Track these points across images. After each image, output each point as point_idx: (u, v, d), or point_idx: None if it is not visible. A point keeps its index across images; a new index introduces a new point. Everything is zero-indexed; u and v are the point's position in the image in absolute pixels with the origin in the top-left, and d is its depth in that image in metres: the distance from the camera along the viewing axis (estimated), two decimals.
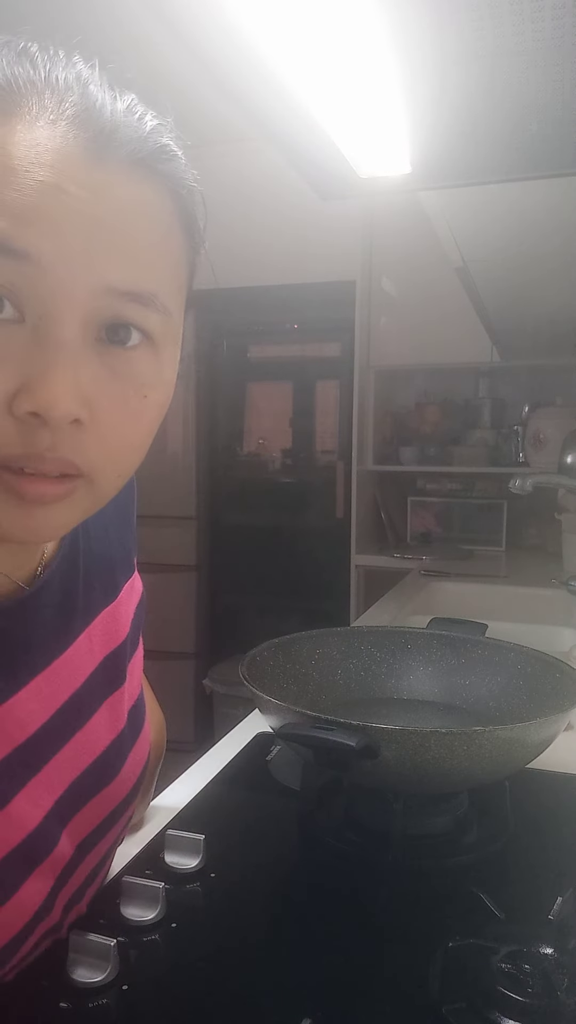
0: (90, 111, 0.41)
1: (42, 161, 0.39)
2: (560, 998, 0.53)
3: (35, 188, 0.38)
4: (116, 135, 0.41)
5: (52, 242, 0.39)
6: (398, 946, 0.63)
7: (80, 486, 0.44)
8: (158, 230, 0.44)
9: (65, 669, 0.55)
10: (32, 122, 0.40)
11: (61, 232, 0.39)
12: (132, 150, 0.42)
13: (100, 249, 0.40)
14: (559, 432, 2.54)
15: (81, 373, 0.41)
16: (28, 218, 0.38)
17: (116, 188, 0.41)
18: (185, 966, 0.60)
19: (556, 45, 0.62)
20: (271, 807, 0.86)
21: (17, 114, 0.40)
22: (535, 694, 0.89)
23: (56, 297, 0.40)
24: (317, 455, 3.35)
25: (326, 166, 0.91)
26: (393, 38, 0.61)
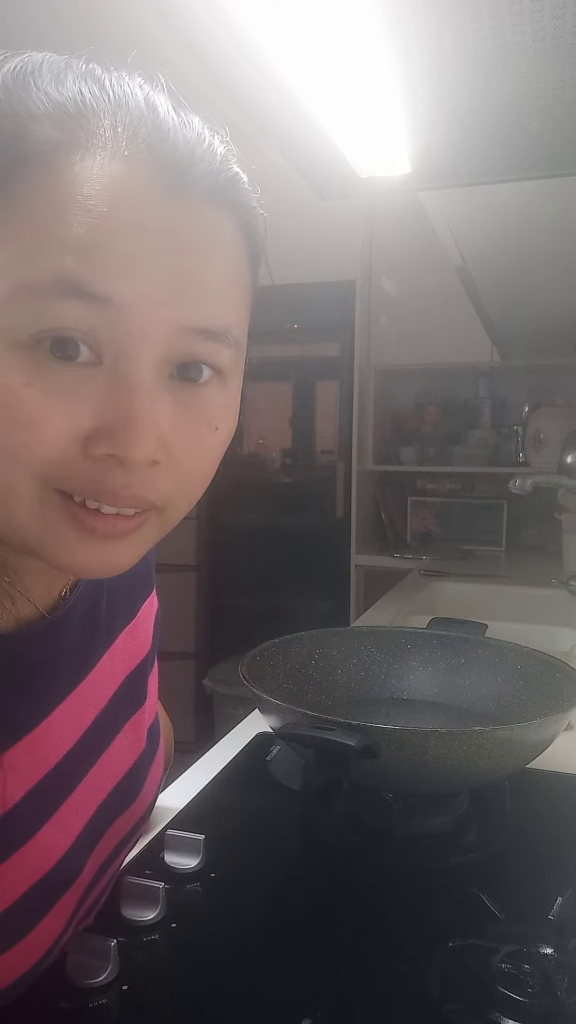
0: (164, 142, 0.40)
1: (119, 200, 0.38)
2: (560, 998, 0.53)
3: (113, 229, 0.37)
4: (192, 169, 0.40)
5: (131, 285, 0.38)
6: (398, 946, 0.63)
7: (151, 517, 0.44)
8: (233, 264, 0.43)
9: (90, 691, 0.54)
10: (105, 154, 0.38)
11: (140, 274, 0.38)
12: (208, 184, 0.41)
13: (178, 289, 0.39)
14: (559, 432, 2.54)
15: (159, 414, 0.40)
16: (106, 260, 0.37)
17: (193, 225, 0.40)
18: (185, 966, 0.60)
19: (556, 45, 0.62)
20: (271, 807, 0.86)
21: (88, 144, 0.38)
22: (535, 694, 0.89)
23: (134, 339, 0.39)
24: (317, 455, 3.35)
25: (326, 166, 0.91)
26: (393, 38, 0.61)
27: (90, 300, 0.37)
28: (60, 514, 0.41)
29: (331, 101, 0.74)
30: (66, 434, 0.38)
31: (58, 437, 0.38)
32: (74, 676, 0.52)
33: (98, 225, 0.37)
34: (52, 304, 0.37)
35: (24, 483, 0.39)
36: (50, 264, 0.37)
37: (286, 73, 0.68)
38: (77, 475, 0.40)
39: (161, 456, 0.41)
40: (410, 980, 0.58)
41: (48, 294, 0.37)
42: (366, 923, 0.66)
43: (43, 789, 0.49)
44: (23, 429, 0.38)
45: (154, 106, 0.41)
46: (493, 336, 2.54)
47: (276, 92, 0.72)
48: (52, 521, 0.41)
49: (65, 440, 0.39)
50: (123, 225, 0.38)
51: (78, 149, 0.38)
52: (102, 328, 0.38)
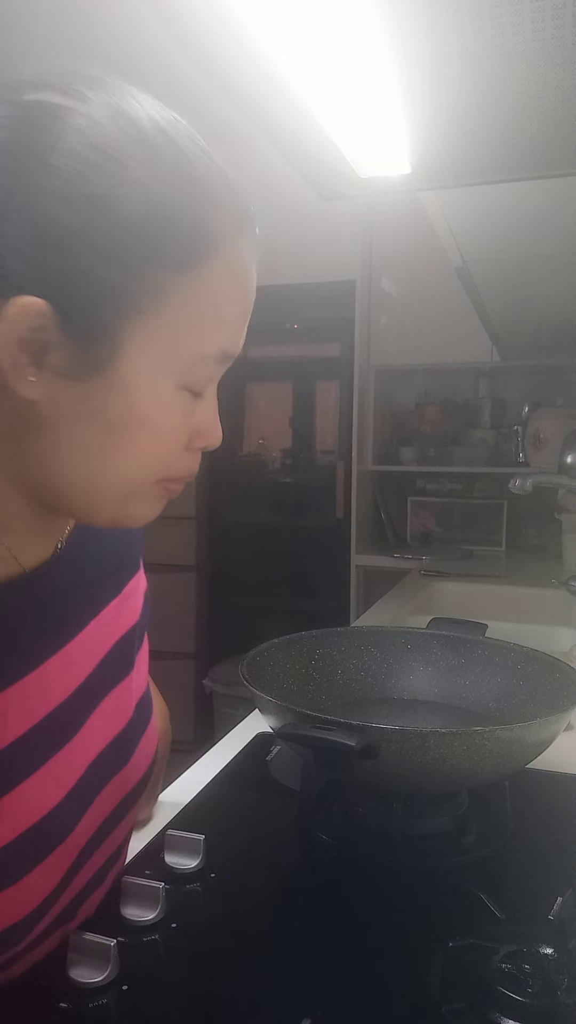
0: (254, 231, 0.52)
1: (251, 286, 0.52)
2: (560, 998, 0.53)
3: (247, 309, 0.52)
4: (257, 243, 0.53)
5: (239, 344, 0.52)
6: (398, 946, 0.63)
7: None
8: None
9: (79, 651, 0.57)
10: (252, 241, 0.52)
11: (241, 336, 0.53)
12: None
13: None
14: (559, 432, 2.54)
15: None
16: (242, 336, 0.52)
17: None
18: (185, 966, 0.60)
19: (556, 45, 0.62)
20: (271, 807, 0.86)
21: (244, 230, 0.51)
22: (535, 694, 0.89)
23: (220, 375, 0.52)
24: (317, 455, 3.35)
25: (326, 166, 0.91)
26: (393, 38, 0.61)
27: (228, 361, 0.51)
28: (154, 494, 0.52)
29: (331, 101, 0.74)
30: (182, 442, 0.51)
31: (178, 445, 0.51)
32: (63, 635, 0.56)
33: (246, 308, 0.52)
34: (212, 367, 0.50)
35: (146, 482, 0.50)
36: (218, 342, 0.49)
37: (286, 73, 0.68)
38: (177, 466, 0.51)
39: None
40: (410, 980, 0.58)
41: (211, 360, 0.50)
42: (366, 923, 0.66)
43: (33, 738, 0.52)
44: (169, 439, 0.50)
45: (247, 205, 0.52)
46: (493, 336, 2.54)
47: (276, 92, 0.72)
48: (147, 501, 0.52)
49: (180, 445, 0.51)
50: (247, 305, 0.52)
51: (240, 235, 0.49)
52: (218, 372, 0.52)
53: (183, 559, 3.24)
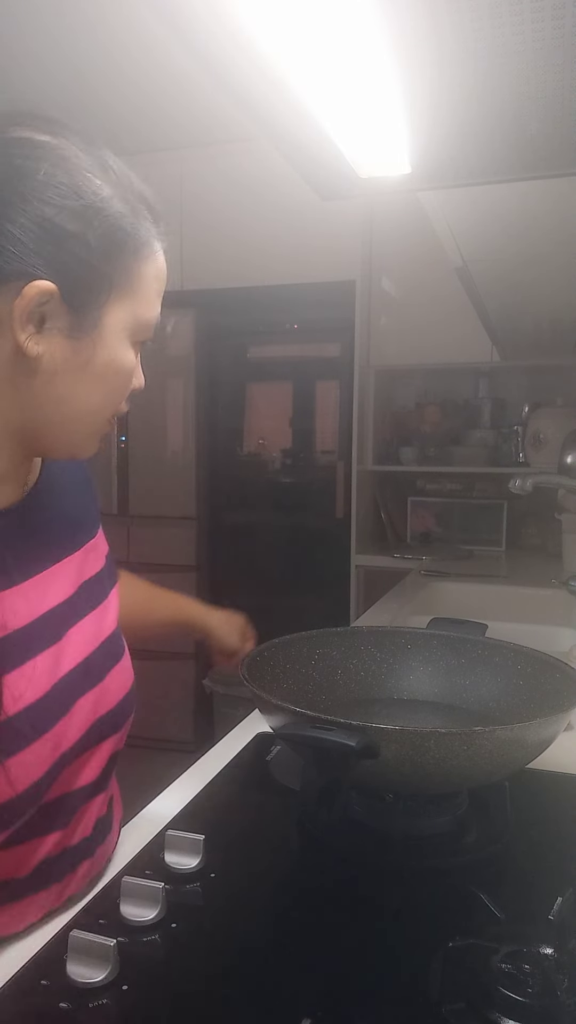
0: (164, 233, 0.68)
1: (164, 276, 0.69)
2: (560, 998, 0.53)
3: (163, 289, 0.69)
4: None
5: None
6: (398, 946, 0.63)
7: None
8: None
9: (52, 581, 0.70)
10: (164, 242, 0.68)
11: None
12: None
13: None
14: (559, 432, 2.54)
15: None
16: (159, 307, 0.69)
17: None
18: (185, 966, 0.60)
19: (556, 45, 0.62)
20: (271, 807, 0.86)
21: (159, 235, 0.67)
22: (535, 694, 0.89)
23: None
24: (317, 455, 3.35)
25: (326, 166, 0.91)
26: (393, 38, 0.61)
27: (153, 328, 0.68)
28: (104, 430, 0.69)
29: (331, 101, 0.74)
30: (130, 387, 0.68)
31: (128, 387, 0.68)
32: (38, 564, 0.69)
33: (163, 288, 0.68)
34: (147, 330, 0.67)
35: (107, 417, 0.68)
36: (152, 311, 0.67)
37: (286, 73, 0.68)
38: (123, 408, 0.69)
39: None
40: (410, 980, 0.58)
41: (149, 325, 0.67)
42: (366, 923, 0.66)
43: (20, 637, 0.64)
44: (126, 385, 0.67)
45: None
46: (493, 336, 2.53)
47: (276, 93, 0.72)
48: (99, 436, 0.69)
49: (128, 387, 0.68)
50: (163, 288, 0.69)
51: (159, 239, 0.67)
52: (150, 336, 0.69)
53: (183, 559, 3.24)
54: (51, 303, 0.59)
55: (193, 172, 3.08)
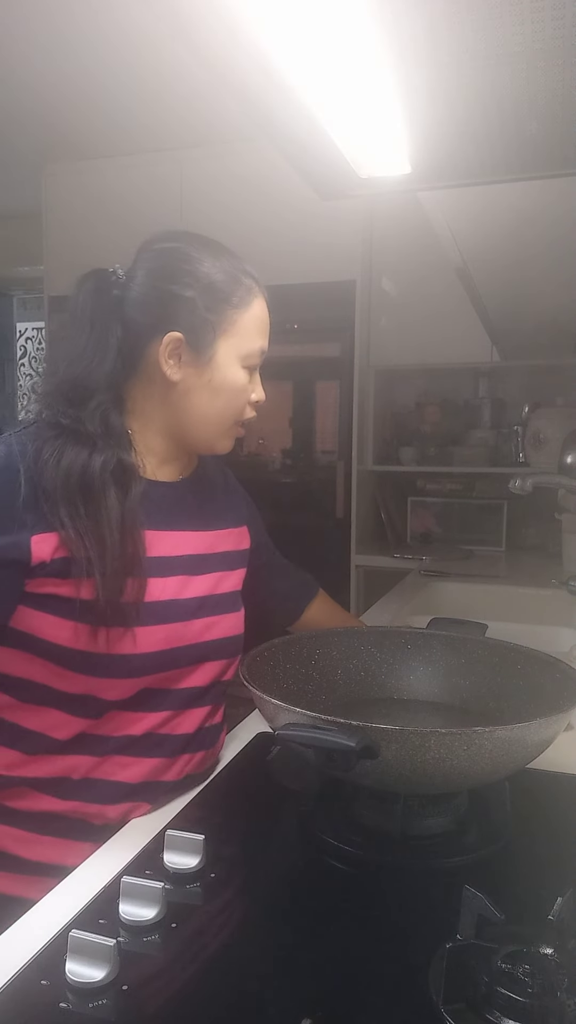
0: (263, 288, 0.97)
1: (268, 316, 0.97)
2: (560, 998, 0.53)
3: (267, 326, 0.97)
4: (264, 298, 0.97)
5: None
6: (398, 946, 0.63)
7: None
8: None
9: (196, 539, 0.97)
10: (262, 295, 0.96)
11: None
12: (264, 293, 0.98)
13: None
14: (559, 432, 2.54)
15: None
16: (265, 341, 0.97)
17: None
18: (185, 966, 0.60)
19: (556, 45, 0.62)
20: (271, 807, 0.86)
21: (258, 291, 0.96)
22: (535, 694, 0.89)
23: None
24: (317, 455, 3.34)
25: (326, 166, 0.91)
26: (393, 39, 0.61)
27: (262, 355, 0.96)
28: (232, 431, 0.97)
29: (331, 101, 0.74)
30: (248, 397, 0.95)
31: (247, 398, 0.95)
32: (189, 526, 0.97)
33: (267, 326, 0.97)
34: (255, 357, 0.95)
35: (230, 420, 0.95)
36: (257, 344, 0.95)
37: (287, 73, 0.68)
38: (244, 413, 0.96)
39: None
40: (410, 980, 0.58)
41: (255, 353, 0.94)
42: (366, 923, 0.66)
43: (165, 561, 0.92)
44: (241, 396, 0.94)
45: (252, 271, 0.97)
46: (493, 336, 2.53)
47: (276, 92, 0.72)
48: (229, 436, 0.97)
49: (247, 400, 0.95)
50: (266, 327, 0.97)
51: (258, 292, 0.95)
52: (260, 361, 0.96)
53: None
54: (181, 346, 0.90)
55: (193, 172, 3.08)
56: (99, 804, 0.87)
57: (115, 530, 0.85)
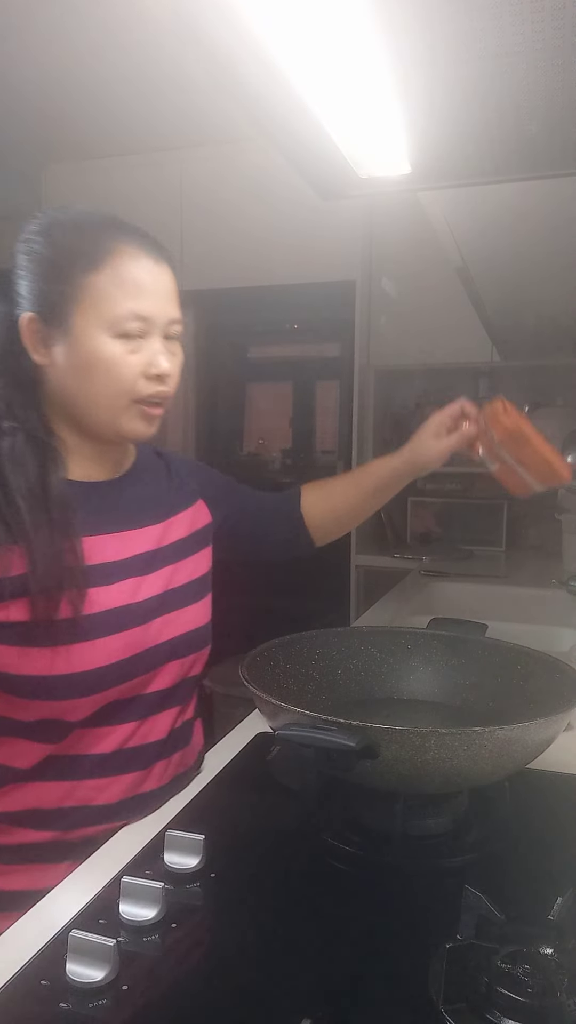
0: (149, 242, 0.86)
1: (148, 270, 0.84)
2: (560, 998, 0.53)
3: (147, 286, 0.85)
4: (161, 252, 0.86)
5: (151, 308, 0.85)
6: (398, 946, 0.63)
7: (162, 411, 0.89)
8: (175, 286, 0.88)
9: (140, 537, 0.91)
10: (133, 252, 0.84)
11: (154, 303, 0.85)
12: (166, 257, 0.87)
13: (168, 305, 0.86)
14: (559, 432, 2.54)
15: (166, 355, 0.86)
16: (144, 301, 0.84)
17: (166, 276, 0.87)
18: (185, 966, 0.60)
19: (556, 45, 0.62)
20: (271, 807, 0.86)
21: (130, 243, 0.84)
22: (535, 694, 0.89)
23: (154, 328, 0.85)
24: (317, 455, 3.34)
25: (326, 166, 0.91)
26: (393, 39, 0.61)
27: (140, 318, 0.83)
28: (135, 412, 0.86)
29: (331, 101, 0.74)
30: (135, 370, 0.84)
31: (133, 372, 0.84)
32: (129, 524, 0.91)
33: (143, 285, 0.84)
34: (133, 322, 0.83)
35: (121, 399, 0.84)
36: (126, 306, 0.82)
37: (287, 73, 0.68)
38: (143, 391, 0.85)
39: (170, 373, 0.87)
40: (410, 980, 0.58)
41: (128, 318, 0.83)
42: (366, 923, 0.66)
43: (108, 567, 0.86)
44: (119, 371, 0.83)
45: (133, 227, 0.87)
46: (493, 336, 2.53)
47: (277, 92, 0.72)
48: (132, 418, 0.86)
49: (135, 373, 0.84)
50: (144, 284, 0.84)
51: (125, 245, 0.83)
52: (144, 327, 0.84)
53: None
54: (36, 325, 0.83)
55: (193, 172, 3.08)
56: (79, 829, 0.84)
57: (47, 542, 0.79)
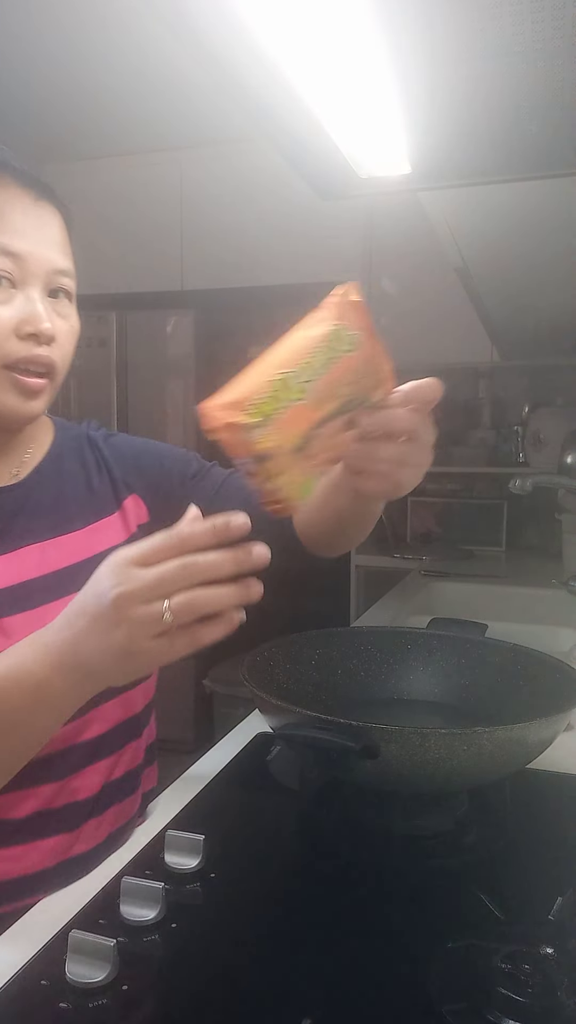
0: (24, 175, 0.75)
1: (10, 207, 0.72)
2: (560, 998, 0.53)
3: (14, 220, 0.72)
4: (41, 187, 0.75)
5: (27, 246, 0.72)
6: (398, 946, 0.63)
7: (48, 384, 0.75)
8: (66, 234, 0.77)
9: (66, 546, 0.78)
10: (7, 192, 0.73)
11: (31, 241, 0.72)
12: (47, 195, 0.76)
13: (50, 249, 0.74)
14: (559, 432, 2.54)
15: (48, 313, 0.73)
16: (13, 233, 0.71)
17: (49, 215, 0.75)
18: (185, 966, 0.60)
19: (556, 45, 0.62)
20: (271, 807, 0.86)
21: None
22: (535, 694, 0.89)
23: (33, 275, 0.73)
24: None
25: (326, 166, 0.91)
26: (393, 38, 0.61)
27: (7, 254, 0.71)
28: (5, 382, 0.72)
29: (331, 101, 0.74)
30: (4, 325, 0.70)
31: (4, 328, 0.70)
32: (37, 536, 0.77)
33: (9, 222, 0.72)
34: None
35: None
36: None
37: (286, 72, 0.68)
38: (14, 353, 0.71)
39: (53, 335, 0.73)
40: (410, 980, 0.58)
41: None
42: (366, 923, 0.66)
43: (15, 593, 0.73)
44: None
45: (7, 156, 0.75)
46: (493, 336, 2.53)
47: (276, 92, 0.72)
48: (4, 390, 0.72)
49: (5, 330, 0.70)
50: (14, 219, 0.72)
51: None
52: (16, 270, 0.72)
53: None
54: None
55: (192, 172, 3.08)
56: None
57: None
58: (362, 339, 0.61)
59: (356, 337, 0.61)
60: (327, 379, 0.58)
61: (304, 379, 0.57)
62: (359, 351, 0.61)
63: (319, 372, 0.58)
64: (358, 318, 0.62)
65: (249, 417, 0.55)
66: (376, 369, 0.63)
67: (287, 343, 0.61)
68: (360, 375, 0.61)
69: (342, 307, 0.62)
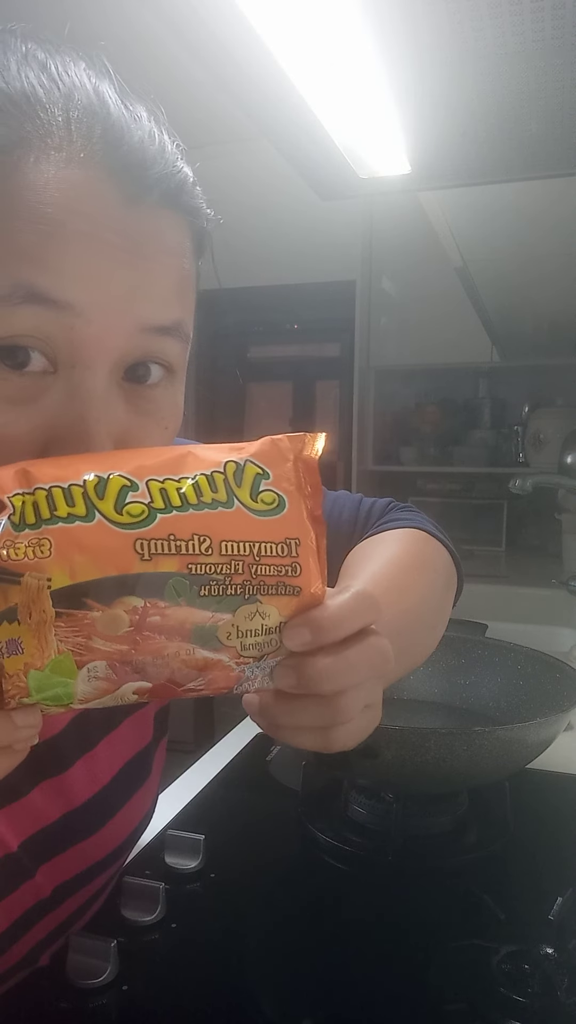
0: (120, 142, 0.39)
1: (76, 209, 0.36)
2: (560, 998, 0.53)
3: (70, 238, 0.36)
4: (147, 174, 0.39)
5: (91, 292, 0.37)
6: (398, 946, 0.63)
7: None
8: (184, 265, 0.43)
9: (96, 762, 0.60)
10: (60, 156, 0.37)
11: (99, 282, 0.37)
12: (162, 190, 0.41)
13: (138, 294, 0.39)
14: (559, 432, 2.54)
15: (113, 422, 0.39)
16: (64, 269, 0.36)
17: (150, 232, 0.40)
18: (185, 966, 0.60)
19: (556, 45, 0.62)
20: (271, 807, 0.86)
21: (40, 143, 0.36)
22: (535, 694, 0.89)
23: (90, 345, 0.37)
24: None
25: (326, 166, 0.91)
26: (393, 39, 0.61)
27: (50, 307, 0.36)
28: None
29: (331, 102, 0.74)
30: (23, 447, 0.37)
31: (14, 449, 0.37)
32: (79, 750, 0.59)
33: (55, 233, 0.36)
34: (10, 312, 0.35)
35: None
36: (8, 272, 0.35)
37: (286, 73, 0.68)
38: None
39: None
40: (410, 980, 0.58)
41: (6, 302, 0.35)
42: (366, 923, 0.66)
43: None
44: None
45: (104, 99, 0.39)
46: (493, 336, 2.53)
47: (276, 92, 0.72)
48: None
49: (23, 452, 0.37)
50: (83, 235, 0.36)
51: (31, 150, 0.36)
52: (60, 336, 0.37)
53: None
54: None
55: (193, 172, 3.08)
56: None
57: None
58: (290, 507, 0.35)
59: (278, 498, 0.35)
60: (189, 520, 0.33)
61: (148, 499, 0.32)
62: (276, 520, 0.35)
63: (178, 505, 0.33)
64: (300, 478, 0.36)
65: (12, 501, 0.31)
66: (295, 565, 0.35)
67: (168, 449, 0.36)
68: (258, 559, 0.34)
69: (279, 454, 0.36)
